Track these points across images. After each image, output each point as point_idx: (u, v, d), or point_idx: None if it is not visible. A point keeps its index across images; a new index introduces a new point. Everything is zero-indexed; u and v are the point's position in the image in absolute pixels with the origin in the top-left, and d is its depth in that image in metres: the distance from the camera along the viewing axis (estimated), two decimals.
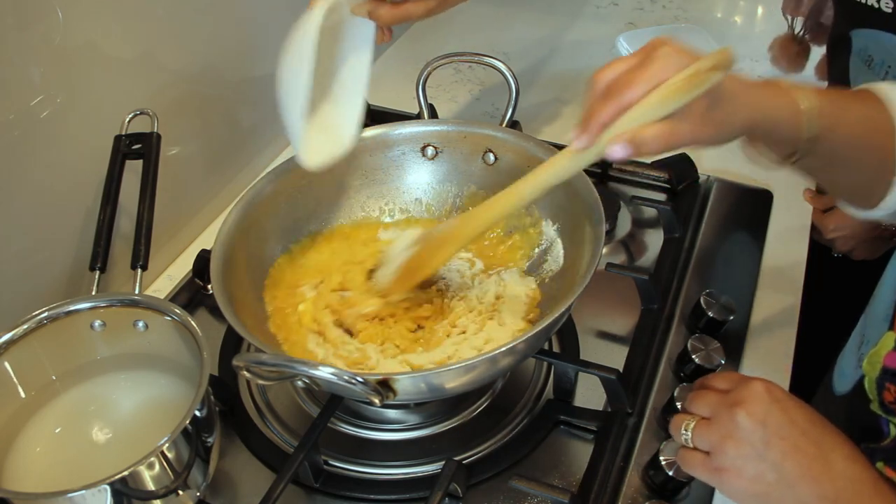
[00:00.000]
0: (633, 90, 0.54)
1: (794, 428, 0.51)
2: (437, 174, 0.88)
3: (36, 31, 0.71)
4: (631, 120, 0.54)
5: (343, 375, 0.52)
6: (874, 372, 0.60)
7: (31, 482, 0.63)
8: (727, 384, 0.55)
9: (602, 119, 0.55)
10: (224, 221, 0.75)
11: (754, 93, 0.57)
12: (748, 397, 0.52)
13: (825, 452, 0.50)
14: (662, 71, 0.53)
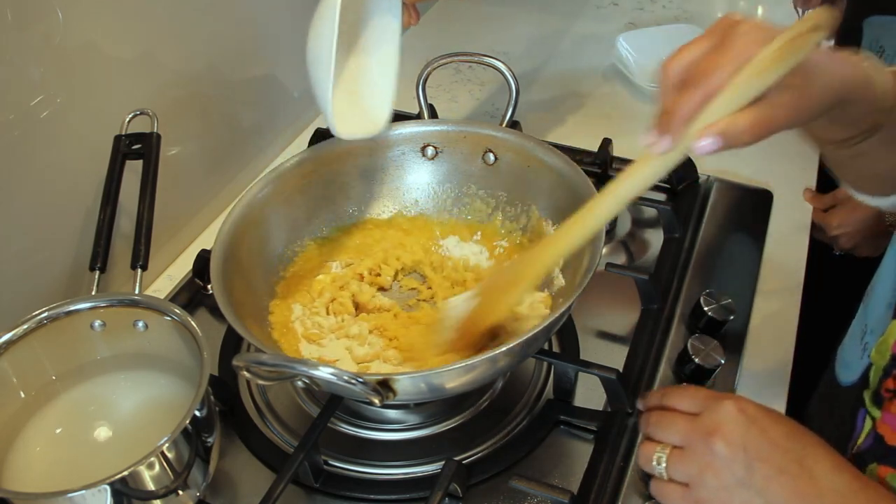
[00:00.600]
0: (717, 75, 0.47)
1: (775, 448, 0.48)
2: (437, 174, 0.88)
3: (36, 30, 0.71)
4: (719, 109, 0.48)
5: (343, 375, 0.52)
6: (883, 360, 0.59)
7: (31, 482, 0.63)
8: (693, 404, 0.52)
9: (685, 114, 0.48)
10: (224, 221, 0.75)
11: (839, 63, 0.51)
12: (722, 422, 0.49)
13: (809, 468, 0.48)
14: (747, 49, 0.47)
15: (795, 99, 0.49)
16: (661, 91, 0.51)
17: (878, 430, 0.56)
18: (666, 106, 0.50)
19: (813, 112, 0.50)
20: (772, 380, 0.79)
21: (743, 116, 0.47)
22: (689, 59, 0.49)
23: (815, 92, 0.49)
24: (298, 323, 0.77)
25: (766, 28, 0.48)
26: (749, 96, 0.47)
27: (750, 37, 0.47)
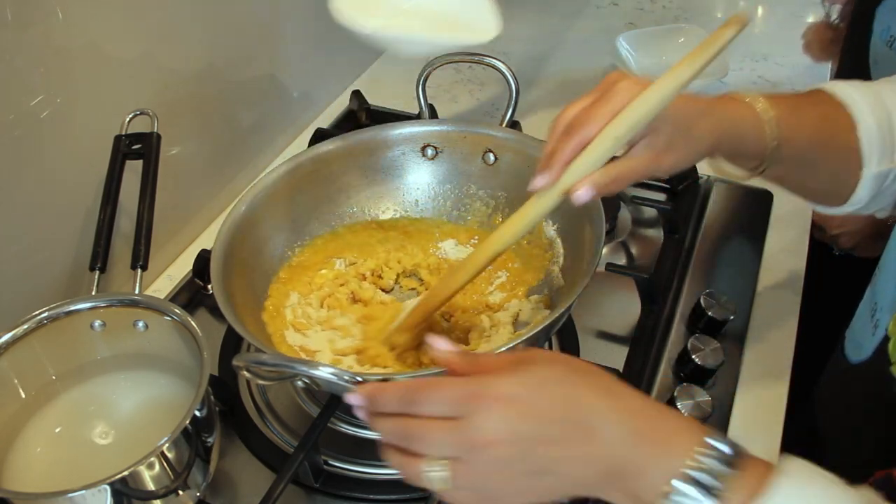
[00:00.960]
0: (592, 124, 0.55)
1: (551, 423, 0.44)
2: (436, 174, 0.88)
3: (36, 30, 0.71)
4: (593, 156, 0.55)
5: (343, 376, 0.52)
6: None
7: (31, 482, 0.63)
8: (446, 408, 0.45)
9: (563, 157, 0.55)
10: (224, 221, 0.75)
11: (716, 109, 0.58)
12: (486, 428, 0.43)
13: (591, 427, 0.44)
14: (621, 102, 0.54)
15: (662, 149, 0.56)
16: (549, 137, 0.58)
17: None
18: (548, 150, 0.57)
19: (689, 156, 0.58)
20: (772, 380, 0.79)
21: (612, 169, 0.55)
22: (574, 112, 0.57)
23: (681, 141, 0.56)
24: (290, 310, 0.78)
25: (642, 83, 0.54)
26: (618, 146, 0.54)
27: (625, 92, 0.54)
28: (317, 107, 1.21)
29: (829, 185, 0.65)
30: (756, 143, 0.59)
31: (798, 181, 0.66)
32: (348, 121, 1.18)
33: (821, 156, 0.62)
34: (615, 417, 0.44)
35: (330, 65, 1.23)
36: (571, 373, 0.46)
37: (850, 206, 0.65)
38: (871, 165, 0.62)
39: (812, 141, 0.61)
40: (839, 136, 0.61)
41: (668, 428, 0.44)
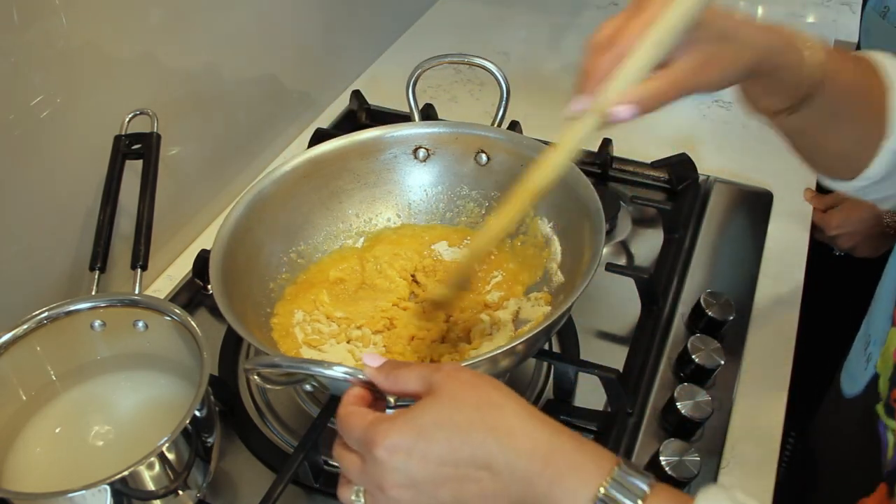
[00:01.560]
0: (627, 37, 0.50)
1: (445, 466, 0.45)
2: (429, 176, 0.88)
3: (36, 31, 0.71)
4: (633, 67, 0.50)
5: (357, 375, 0.52)
6: (888, 370, 0.59)
7: (31, 482, 0.63)
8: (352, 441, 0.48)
9: (598, 73, 0.51)
10: (224, 221, 0.75)
11: (758, 33, 0.54)
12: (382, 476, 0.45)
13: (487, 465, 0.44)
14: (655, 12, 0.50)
15: (703, 62, 0.52)
16: (584, 57, 0.53)
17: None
18: (583, 70, 0.53)
19: (728, 74, 0.53)
20: (772, 380, 0.79)
21: (654, 82, 0.51)
22: (607, 30, 0.52)
23: (723, 56, 0.52)
24: (299, 328, 0.77)
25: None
26: (658, 54, 0.50)
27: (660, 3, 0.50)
28: (317, 107, 1.21)
29: (849, 149, 0.62)
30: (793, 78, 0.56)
31: (821, 136, 0.62)
32: (348, 121, 1.18)
33: (851, 110, 0.59)
34: (511, 457, 0.44)
35: (330, 65, 1.23)
36: (471, 410, 0.45)
37: (860, 181, 0.62)
38: (891, 137, 0.59)
39: (846, 94, 0.58)
40: (871, 96, 0.59)
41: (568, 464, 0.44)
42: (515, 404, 0.46)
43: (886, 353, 0.60)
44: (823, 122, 0.60)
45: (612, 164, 1.06)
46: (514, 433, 0.45)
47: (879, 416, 0.59)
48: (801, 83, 0.56)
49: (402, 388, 0.49)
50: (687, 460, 0.68)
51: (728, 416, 0.75)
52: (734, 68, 0.53)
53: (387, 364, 0.51)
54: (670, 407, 0.73)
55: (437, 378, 0.47)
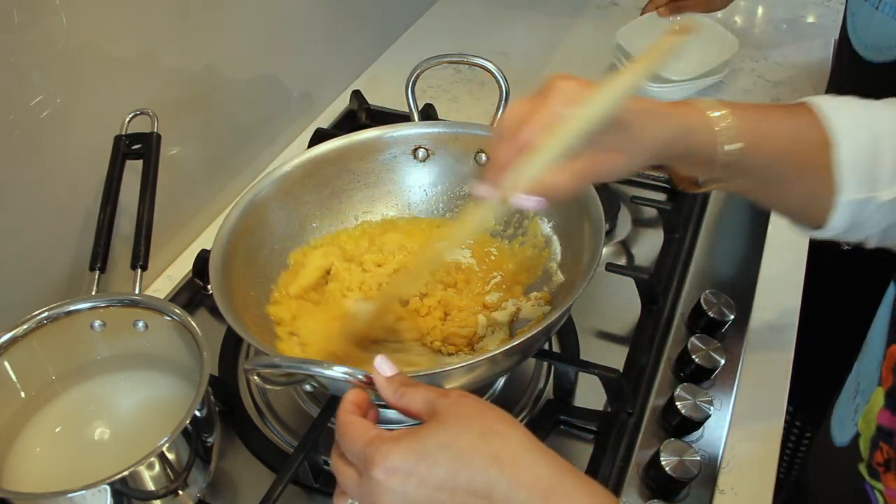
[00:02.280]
0: (529, 129, 0.52)
1: (442, 492, 0.44)
2: (429, 176, 0.88)
3: (36, 31, 0.71)
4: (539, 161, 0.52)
5: (357, 375, 0.52)
6: (869, 431, 0.58)
7: (31, 482, 0.63)
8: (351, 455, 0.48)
9: (501, 163, 0.53)
10: (224, 221, 0.75)
11: (664, 114, 0.55)
12: (378, 494, 0.45)
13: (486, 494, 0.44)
14: (557, 105, 0.52)
15: (607, 151, 0.54)
16: (491, 145, 0.55)
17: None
18: (493, 159, 0.55)
19: (634, 160, 0.55)
20: (772, 380, 0.79)
21: (556, 176, 0.52)
22: (514, 116, 0.54)
23: (627, 143, 0.54)
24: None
25: (581, 84, 0.53)
26: (565, 153, 0.52)
27: (563, 94, 0.52)
28: (317, 107, 1.21)
29: (802, 207, 0.61)
30: (708, 153, 0.56)
31: (768, 198, 0.62)
32: (348, 121, 1.18)
33: (789, 173, 0.58)
34: (511, 489, 0.44)
35: (330, 65, 1.23)
36: (475, 437, 0.45)
37: (829, 232, 0.60)
38: (845, 191, 0.56)
39: (778, 155, 0.57)
40: (812, 154, 0.57)
41: (568, 501, 0.44)
42: (521, 435, 0.46)
43: (869, 413, 0.58)
44: (763, 185, 0.60)
45: None
46: (518, 465, 0.45)
47: (864, 477, 0.58)
48: (716, 159, 0.56)
49: (406, 406, 0.49)
50: (687, 460, 0.68)
51: (728, 416, 0.75)
52: (635, 160, 0.55)
53: (397, 377, 0.51)
54: (670, 407, 0.73)
55: (442, 403, 0.47)
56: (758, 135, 0.56)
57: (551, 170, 0.52)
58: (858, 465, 0.58)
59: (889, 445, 0.54)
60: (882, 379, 0.56)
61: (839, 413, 0.67)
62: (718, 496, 0.69)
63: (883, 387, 0.56)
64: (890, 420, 0.54)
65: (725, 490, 0.69)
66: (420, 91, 0.94)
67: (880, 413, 0.55)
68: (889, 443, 0.54)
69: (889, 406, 0.54)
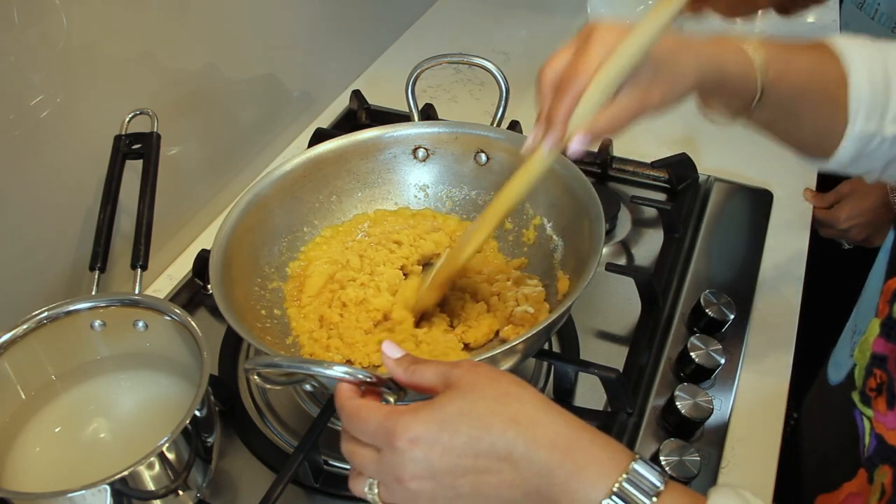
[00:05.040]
0: (582, 77, 0.55)
1: (465, 458, 0.45)
2: (429, 176, 0.88)
3: (36, 31, 0.71)
4: (587, 104, 0.56)
5: (357, 374, 0.52)
6: (864, 360, 0.60)
7: (31, 482, 0.63)
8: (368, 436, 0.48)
9: (563, 113, 0.57)
10: (224, 221, 0.75)
11: (699, 48, 0.58)
12: (402, 465, 0.45)
13: (506, 457, 0.45)
14: (603, 47, 0.55)
15: (646, 88, 0.56)
16: (538, 96, 0.59)
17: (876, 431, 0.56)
18: (543, 110, 0.59)
19: (673, 93, 0.58)
20: (772, 380, 0.79)
21: (603, 114, 0.56)
22: (559, 66, 0.58)
23: (665, 78, 0.57)
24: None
25: (617, 28, 0.55)
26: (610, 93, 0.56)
27: (603, 40, 0.55)
28: (317, 107, 1.21)
29: (814, 138, 0.64)
30: (742, 83, 0.59)
31: (784, 129, 0.65)
32: (348, 121, 1.18)
33: (806, 105, 0.61)
34: (530, 448, 0.45)
35: (330, 65, 1.23)
36: (492, 401, 0.46)
37: (834, 163, 0.64)
38: (855, 123, 0.60)
39: (798, 88, 0.60)
40: (828, 87, 0.60)
41: (587, 457, 0.45)
42: (535, 397, 0.47)
43: (865, 343, 0.60)
44: (782, 116, 0.62)
45: (612, 163, 1.06)
46: (535, 424, 0.45)
47: (856, 404, 0.60)
48: (749, 88, 0.59)
49: (419, 382, 0.50)
50: (687, 460, 0.68)
51: (728, 416, 0.75)
52: (675, 90, 0.58)
53: (406, 357, 0.51)
54: (670, 407, 0.73)
55: (456, 373, 0.48)
56: (781, 67, 0.59)
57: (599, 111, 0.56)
58: (852, 393, 0.60)
59: (882, 370, 0.56)
60: (878, 311, 0.58)
61: (836, 355, 0.69)
62: None
63: (879, 317, 0.58)
64: (884, 346, 0.56)
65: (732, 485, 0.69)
66: (420, 91, 0.94)
67: (875, 341, 0.58)
68: (882, 368, 0.56)
69: (884, 334, 0.57)
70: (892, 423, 0.54)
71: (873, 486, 0.55)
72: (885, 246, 0.64)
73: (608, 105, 0.56)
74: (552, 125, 0.57)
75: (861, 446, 0.59)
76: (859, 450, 0.59)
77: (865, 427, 0.59)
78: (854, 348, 0.63)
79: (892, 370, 0.55)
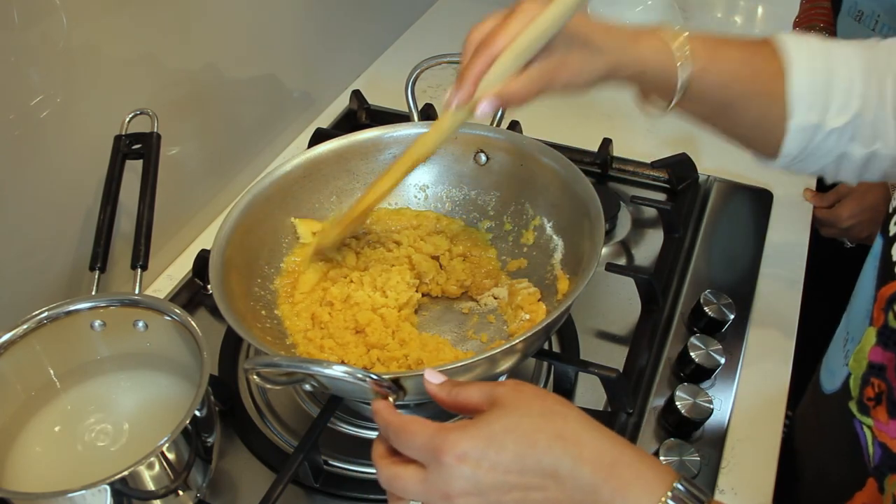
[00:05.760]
0: (500, 40, 0.57)
1: (512, 474, 0.45)
2: (429, 176, 0.88)
3: (36, 31, 0.71)
4: (500, 68, 0.57)
5: (356, 374, 0.52)
6: (860, 369, 0.60)
7: (31, 482, 0.63)
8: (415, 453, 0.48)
9: (475, 73, 0.58)
10: (224, 221, 0.75)
11: (618, 35, 0.59)
12: (450, 482, 0.45)
13: (552, 474, 0.45)
14: (524, 17, 0.56)
15: (556, 65, 0.58)
16: (461, 57, 0.60)
17: (879, 440, 0.56)
18: (462, 68, 0.59)
19: (582, 76, 0.59)
20: (772, 380, 0.80)
21: (515, 81, 0.58)
22: (485, 29, 0.59)
23: (575, 59, 0.58)
24: None
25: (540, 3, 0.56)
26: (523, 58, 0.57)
27: (525, 13, 0.56)
28: (317, 107, 1.21)
29: (755, 131, 0.64)
30: (662, 76, 0.60)
31: (723, 125, 0.66)
32: (348, 121, 1.18)
33: (736, 97, 0.62)
34: (576, 465, 0.45)
35: (330, 65, 1.23)
36: (537, 418, 0.46)
37: (782, 160, 0.64)
38: (795, 116, 0.60)
39: (725, 80, 0.61)
40: (763, 80, 0.61)
41: (631, 474, 0.45)
42: (579, 415, 0.48)
43: (860, 353, 0.60)
44: (715, 109, 0.63)
45: (612, 163, 1.06)
46: (581, 442, 0.46)
47: (854, 414, 0.60)
48: (670, 80, 0.60)
49: (464, 401, 0.50)
50: (687, 460, 0.68)
51: (728, 416, 0.75)
52: (585, 72, 0.59)
53: (447, 382, 0.52)
54: (670, 407, 0.73)
55: (500, 391, 0.48)
56: (711, 58, 0.60)
57: (511, 77, 0.58)
58: (849, 403, 0.60)
59: (880, 379, 0.56)
60: (873, 319, 0.58)
61: (828, 363, 0.69)
62: (718, 496, 0.69)
63: (875, 326, 0.58)
64: (882, 355, 0.56)
65: (725, 490, 0.69)
66: (420, 91, 0.94)
67: (871, 350, 0.57)
68: (880, 377, 0.56)
69: (881, 342, 0.56)
70: (894, 432, 0.54)
71: (885, 495, 0.55)
72: (873, 252, 0.63)
73: (519, 74, 0.58)
74: (463, 83, 0.59)
75: (866, 456, 0.59)
76: (864, 459, 0.59)
77: (867, 436, 0.58)
78: (848, 356, 0.63)
79: (891, 379, 0.54)
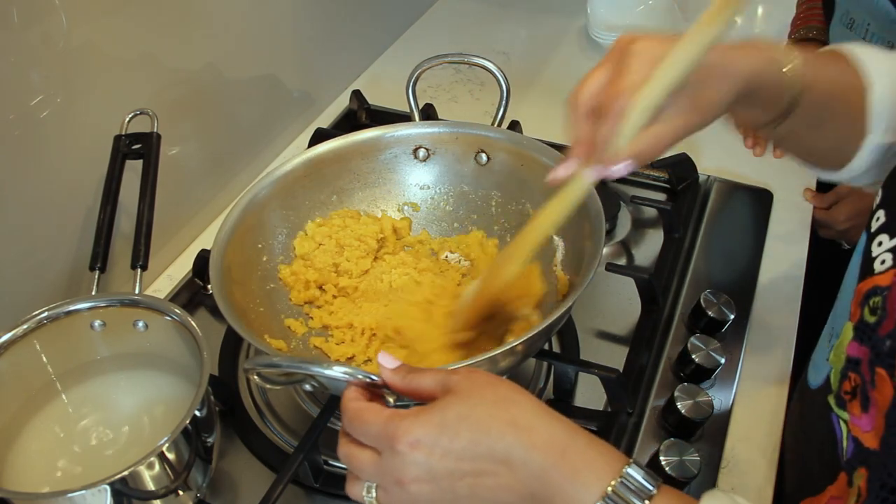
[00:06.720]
0: (622, 99, 0.52)
1: (464, 461, 0.45)
2: (429, 176, 0.88)
3: (36, 31, 0.71)
4: (630, 129, 0.53)
5: (357, 374, 0.52)
6: (840, 363, 0.60)
7: (31, 482, 0.63)
8: (369, 439, 0.48)
9: (604, 141, 0.53)
10: (224, 221, 0.75)
11: (734, 58, 0.55)
12: (403, 468, 0.46)
13: (504, 460, 0.45)
14: (642, 68, 0.52)
15: (687, 110, 0.54)
16: (573, 121, 0.55)
17: (853, 434, 0.56)
18: (581, 136, 0.55)
19: (714, 112, 0.55)
20: (772, 380, 0.80)
21: (644, 138, 0.53)
22: (594, 88, 0.54)
23: (705, 97, 0.54)
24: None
25: (658, 42, 0.52)
26: (654, 110, 0.52)
27: (644, 56, 0.52)
28: (317, 107, 1.21)
29: (833, 147, 0.63)
30: (775, 92, 0.57)
31: (809, 141, 0.63)
32: (348, 121, 1.18)
33: (831, 115, 0.60)
34: (528, 452, 0.45)
35: (330, 65, 1.23)
36: (490, 405, 0.47)
37: (846, 173, 0.63)
38: (875, 133, 0.59)
39: (826, 98, 0.59)
40: (850, 96, 0.59)
41: (582, 460, 0.46)
42: (531, 401, 0.48)
43: (840, 347, 0.60)
44: (807, 127, 0.61)
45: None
46: (533, 428, 0.46)
47: (832, 408, 0.60)
48: (782, 98, 0.57)
49: (417, 388, 0.50)
50: (687, 460, 0.68)
51: (728, 416, 0.75)
52: (718, 105, 0.55)
53: (402, 367, 0.51)
54: (670, 407, 0.73)
55: (454, 378, 0.48)
56: (812, 76, 0.57)
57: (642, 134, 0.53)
58: (828, 397, 0.60)
59: (856, 374, 0.56)
60: (851, 314, 0.58)
61: (815, 358, 0.69)
62: None
63: (852, 321, 0.58)
64: (858, 350, 0.56)
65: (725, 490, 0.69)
66: (420, 91, 0.94)
67: (849, 345, 0.57)
68: (856, 371, 0.56)
69: (857, 337, 0.56)
70: (867, 425, 0.54)
71: (851, 488, 0.55)
72: (857, 249, 0.63)
73: (650, 126, 0.53)
74: (594, 152, 0.54)
75: (840, 450, 0.59)
76: (838, 453, 0.59)
77: (843, 431, 0.58)
78: (831, 352, 0.63)
79: (865, 373, 0.54)
